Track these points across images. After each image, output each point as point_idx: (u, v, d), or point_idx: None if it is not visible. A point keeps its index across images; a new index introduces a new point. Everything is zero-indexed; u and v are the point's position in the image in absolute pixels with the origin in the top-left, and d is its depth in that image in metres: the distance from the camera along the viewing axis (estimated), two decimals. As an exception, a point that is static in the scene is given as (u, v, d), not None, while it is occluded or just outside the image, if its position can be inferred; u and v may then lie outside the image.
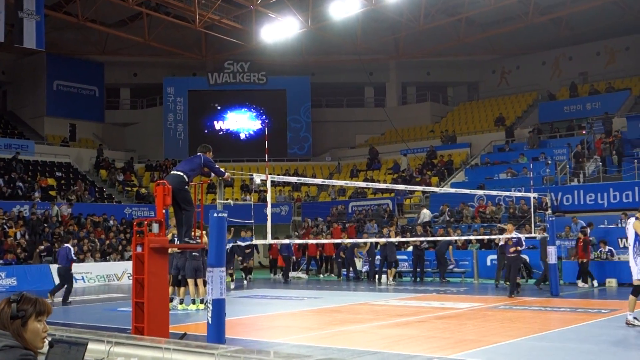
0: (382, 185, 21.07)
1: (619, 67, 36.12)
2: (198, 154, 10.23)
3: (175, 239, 14.27)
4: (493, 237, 21.04)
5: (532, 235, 18.62)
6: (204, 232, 11.41)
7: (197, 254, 14.70)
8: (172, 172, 10.02)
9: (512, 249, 16.84)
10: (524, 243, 17.28)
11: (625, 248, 16.89)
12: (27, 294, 3.31)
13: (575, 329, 11.18)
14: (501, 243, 17.77)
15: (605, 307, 13.49)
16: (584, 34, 35.98)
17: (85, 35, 35.66)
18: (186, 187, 9.87)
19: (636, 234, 11.19)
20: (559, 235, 20.32)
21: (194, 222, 9.99)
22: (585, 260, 19.22)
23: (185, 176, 9.80)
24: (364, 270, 24.71)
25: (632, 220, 11.45)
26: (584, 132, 30.69)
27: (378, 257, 23.18)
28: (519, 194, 21.61)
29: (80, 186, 31.93)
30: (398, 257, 23.25)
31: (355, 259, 24.76)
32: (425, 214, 26.63)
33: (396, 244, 22.79)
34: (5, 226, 25.08)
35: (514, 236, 17.03)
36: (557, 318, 12.78)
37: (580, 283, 19.32)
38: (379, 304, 16.10)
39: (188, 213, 9.84)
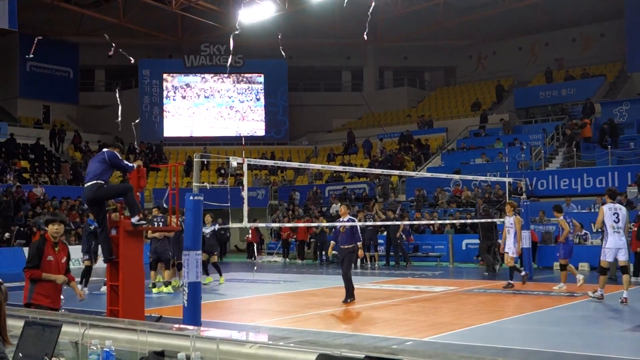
0: (359, 170, 21.05)
1: (594, 53, 36.42)
2: (103, 150, 9.62)
3: (155, 221, 14.20)
4: (413, 222, 20.90)
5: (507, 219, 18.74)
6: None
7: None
8: (85, 185, 9.26)
9: (346, 247, 12.85)
10: (359, 231, 13.09)
11: (599, 232, 17.28)
12: None
13: (549, 312, 11.32)
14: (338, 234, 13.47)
15: (579, 291, 13.68)
16: (560, 20, 36.17)
17: (59, 15, 35.07)
18: (105, 186, 9.08)
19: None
20: (534, 220, 20.52)
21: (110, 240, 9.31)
22: None
23: (101, 182, 9.01)
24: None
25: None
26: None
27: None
28: (494, 179, 21.79)
29: (67, 170, 31.59)
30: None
31: None
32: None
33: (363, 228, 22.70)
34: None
35: (347, 223, 12.92)
36: (530, 301, 12.93)
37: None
38: (355, 287, 16.15)
39: (128, 197, 9.21)
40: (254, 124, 39.37)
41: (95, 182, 9.05)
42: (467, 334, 9.31)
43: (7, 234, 23.74)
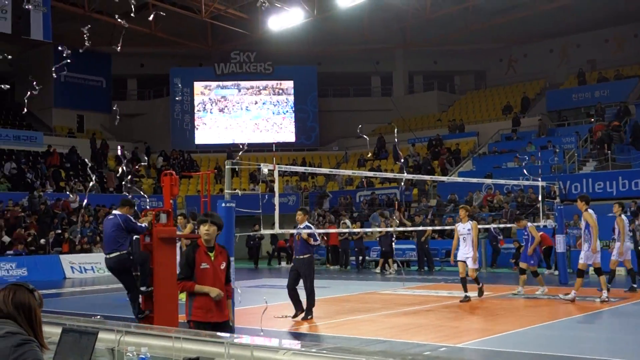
0: (389, 175, 20.97)
1: (628, 54, 35.85)
2: (114, 212, 10.14)
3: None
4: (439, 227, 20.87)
5: (541, 223, 18.57)
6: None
7: None
8: (108, 256, 9.91)
9: (301, 257, 11.65)
10: (312, 240, 11.62)
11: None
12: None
13: (583, 318, 11.18)
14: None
15: (614, 296, 13.45)
16: (591, 22, 35.71)
17: (91, 26, 35.55)
18: (130, 258, 9.87)
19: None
20: (568, 223, 20.26)
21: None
22: None
23: (125, 253, 9.80)
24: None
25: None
26: (592, 120, 30.61)
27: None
28: (527, 183, 21.53)
29: (112, 179, 32.06)
30: (404, 246, 23.46)
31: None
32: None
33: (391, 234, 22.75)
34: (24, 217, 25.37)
35: (303, 230, 11.51)
36: (565, 306, 12.75)
37: None
38: (387, 293, 16.12)
39: (144, 268, 9.78)
40: (286, 135, 39.49)
41: (118, 254, 9.76)
42: (501, 340, 9.22)
43: (42, 240, 24.18)
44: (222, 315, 6.10)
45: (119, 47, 10.97)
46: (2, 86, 13.59)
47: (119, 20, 8.71)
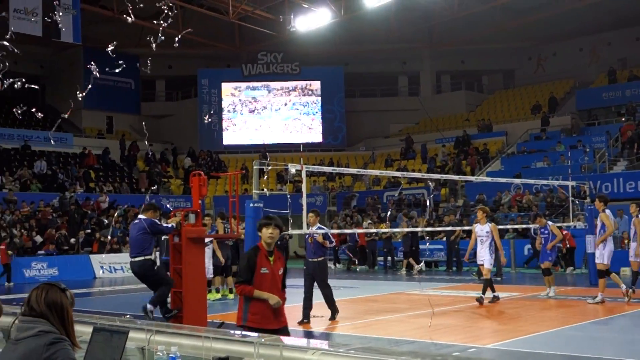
0: (417, 175, 20.87)
1: (661, 52, 35.28)
2: (139, 217, 10.16)
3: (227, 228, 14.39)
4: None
5: (571, 224, 18.37)
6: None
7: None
8: (132, 260, 9.98)
9: (314, 259, 11.40)
10: (328, 242, 11.46)
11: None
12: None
13: (616, 319, 11.02)
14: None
15: (645, 297, 13.24)
16: (622, 19, 35.15)
17: (120, 28, 35.97)
18: (154, 267, 9.99)
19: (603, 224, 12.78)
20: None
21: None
22: None
23: (147, 258, 9.85)
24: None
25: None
26: (623, 119, 30.17)
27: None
28: (556, 183, 21.28)
29: (144, 180, 32.44)
30: (432, 246, 23.40)
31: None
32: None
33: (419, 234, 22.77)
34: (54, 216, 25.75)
35: (317, 231, 11.27)
36: (596, 308, 12.58)
37: None
38: (415, 293, 16.05)
39: (163, 289, 9.82)
40: (314, 135, 39.56)
41: (143, 258, 9.83)
42: (531, 340, 9.13)
43: (72, 240, 24.54)
44: (279, 322, 6.02)
45: (148, 69, 11.20)
46: (38, 114, 13.96)
47: (151, 41, 8.75)
